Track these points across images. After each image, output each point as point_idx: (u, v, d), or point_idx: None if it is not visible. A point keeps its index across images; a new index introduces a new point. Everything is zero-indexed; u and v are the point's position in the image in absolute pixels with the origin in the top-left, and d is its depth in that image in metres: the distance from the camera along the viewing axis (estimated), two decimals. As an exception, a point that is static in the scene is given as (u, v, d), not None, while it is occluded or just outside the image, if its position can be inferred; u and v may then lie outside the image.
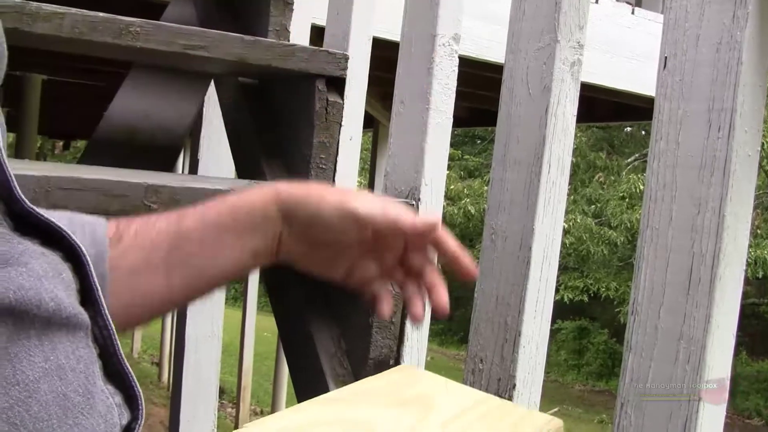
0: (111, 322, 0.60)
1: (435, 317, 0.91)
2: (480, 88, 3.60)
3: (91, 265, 0.61)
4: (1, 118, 0.46)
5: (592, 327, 14.89)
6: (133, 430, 0.59)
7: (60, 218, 0.67)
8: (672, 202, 0.87)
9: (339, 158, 1.47)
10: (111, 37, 1.28)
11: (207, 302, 2.43)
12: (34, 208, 0.59)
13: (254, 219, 0.87)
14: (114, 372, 0.60)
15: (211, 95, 2.11)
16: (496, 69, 1.23)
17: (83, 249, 0.61)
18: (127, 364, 0.61)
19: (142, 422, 0.60)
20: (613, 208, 12.93)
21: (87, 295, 0.60)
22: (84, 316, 0.57)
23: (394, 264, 0.95)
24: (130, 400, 0.60)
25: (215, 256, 0.86)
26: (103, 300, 0.60)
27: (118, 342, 0.61)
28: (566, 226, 11.81)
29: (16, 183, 0.58)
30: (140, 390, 0.61)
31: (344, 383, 1.27)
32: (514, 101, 1.12)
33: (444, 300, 0.92)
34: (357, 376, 1.28)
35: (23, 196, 0.58)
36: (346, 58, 1.49)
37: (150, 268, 0.80)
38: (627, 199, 12.76)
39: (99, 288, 0.61)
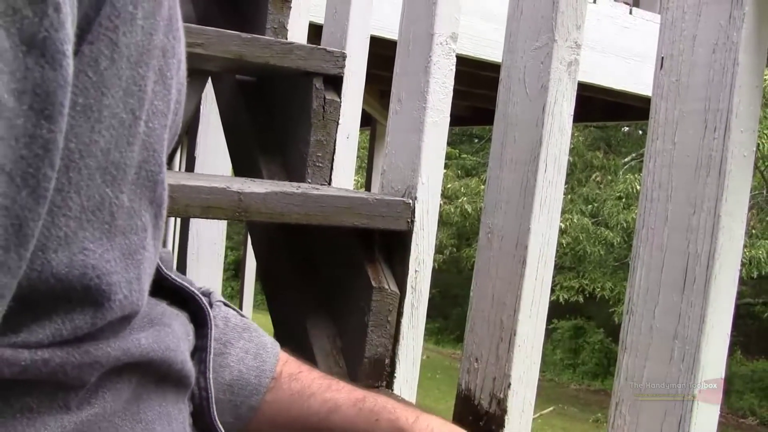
0: (212, 385, 0.64)
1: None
2: (479, 87, 3.60)
3: (213, 330, 0.64)
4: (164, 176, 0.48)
5: (588, 326, 14.88)
6: None
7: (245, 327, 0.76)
8: (668, 202, 0.87)
9: (336, 156, 1.47)
10: (108, 33, 1.28)
11: (203, 299, 2.42)
12: (170, 274, 0.63)
13: None
14: (205, 427, 0.63)
15: (209, 93, 2.12)
16: (495, 68, 1.24)
17: (210, 314, 0.65)
18: (220, 424, 0.64)
19: None
20: (609, 208, 12.90)
21: (199, 355, 0.64)
22: (193, 378, 0.60)
23: None
24: None
25: None
26: (211, 364, 0.64)
27: (214, 406, 0.64)
28: (563, 225, 11.80)
29: None
30: None
31: (340, 381, 1.27)
32: (511, 100, 1.12)
33: None
34: (352, 374, 1.28)
35: (159, 262, 0.60)
36: (344, 57, 1.49)
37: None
38: (624, 199, 12.74)
39: (212, 352, 0.64)
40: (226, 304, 0.79)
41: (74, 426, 0.45)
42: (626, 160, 14.50)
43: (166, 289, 0.62)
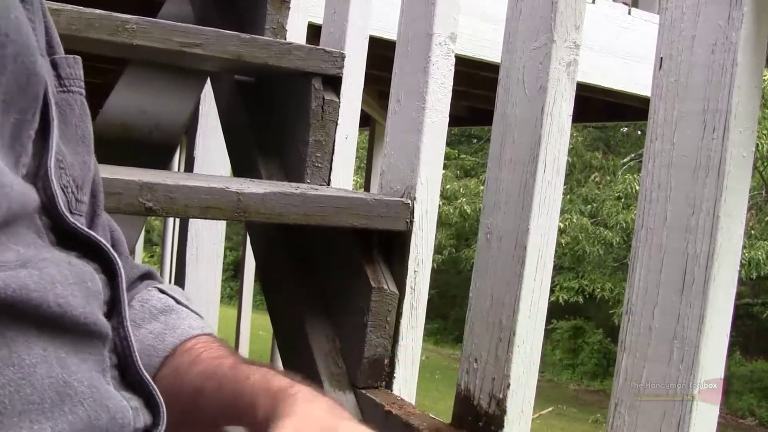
0: (131, 334, 0.64)
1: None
2: (478, 88, 3.60)
3: (123, 279, 0.65)
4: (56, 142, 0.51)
5: (587, 326, 14.87)
6: None
7: (173, 290, 0.80)
8: (667, 203, 0.87)
9: (335, 157, 1.47)
10: (107, 34, 1.28)
11: (202, 301, 2.43)
12: (76, 223, 0.63)
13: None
14: (134, 381, 0.64)
15: (207, 93, 2.11)
16: (494, 68, 1.24)
17: (119, 263, 0.65)
18: (147, 374, 0.64)
19: (164, 427, 0.63)
20: (608, 208, 12.90)
21: (114, 307, 0.64)
22: (102, 325, 0.60)
23: None
24: (152, 408, 0.64)
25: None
26: (126, 313, 0.64)
27: (137, 353, 0.64)
28: (562, 225, 11.80)
29: (61, 200, 0.62)
30: (161, 398, 0.64)
31: (339, 382, 1.27)
32: (510, 101, 1.12)
33: None
34: (351, 375, 1.28)
35: (66, 212, 0.62)
36: (343, 57, 1.49)
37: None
38: (623, 199, 12.74)
39: (126, 301, 0.65)
40: (160, 289, 0.82)
41: None
42: (625, 160, 14.51)
43: (81, 243, 0.63)
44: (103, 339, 0.60)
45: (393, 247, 1.31)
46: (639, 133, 14.67)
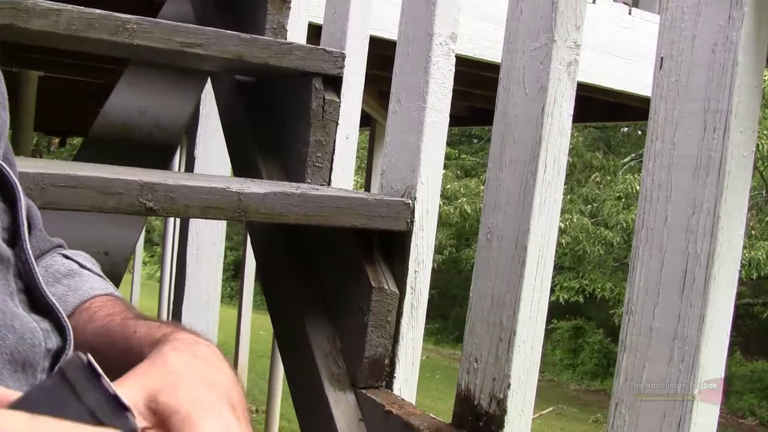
0: (32, 258, 0.65)
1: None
2: (478, 88, 3.60)
3: (22, 203, 0.66)
4: None
5: (588, 326, 14.88)
6: (61, 355, 0.63)
7: (77, 254, 0.82)
8: (667, 203, 0.87)
9: (335, 156, 1.47)
10: (107, 34, 1.28)
11: (202, 301, 2.43)
12: None
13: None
14: (43, 305, 0.65)
15: (208, 93, 2.11)
16: (494, 68, 1.24)
17: (19, 190, 0.66)
18: (52, 298, 0.66)
19: (71, 349, 0.64)
20: (609, 208, 12.91)
21: (15, 233, 0.65)
22: (1, 248, 0.61)
23: None
24: (61, 330, 0.65)
25: None
26: (26, 238, 0.65)
27: (39, 277, 0.65)
28: (563, 225, 11.80)
29: None
30: (67, 321, 0.65)
31: (339, 382, 1.27)
32: (510, 101, 1.12)
33: None
34: (352, 375, 1.28)
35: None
36: (343, 57, 1.49)
37: None
38: (623, 199, 12.74)
39: (25, 225, 0.66)
40: (64, 255, 0.84)
41: None
42: (626, 160, 14.51)
43: None
44: (5, 263, 0.61)
45: (393, 247, 1.31)
46: (639, 133, 14.67)
